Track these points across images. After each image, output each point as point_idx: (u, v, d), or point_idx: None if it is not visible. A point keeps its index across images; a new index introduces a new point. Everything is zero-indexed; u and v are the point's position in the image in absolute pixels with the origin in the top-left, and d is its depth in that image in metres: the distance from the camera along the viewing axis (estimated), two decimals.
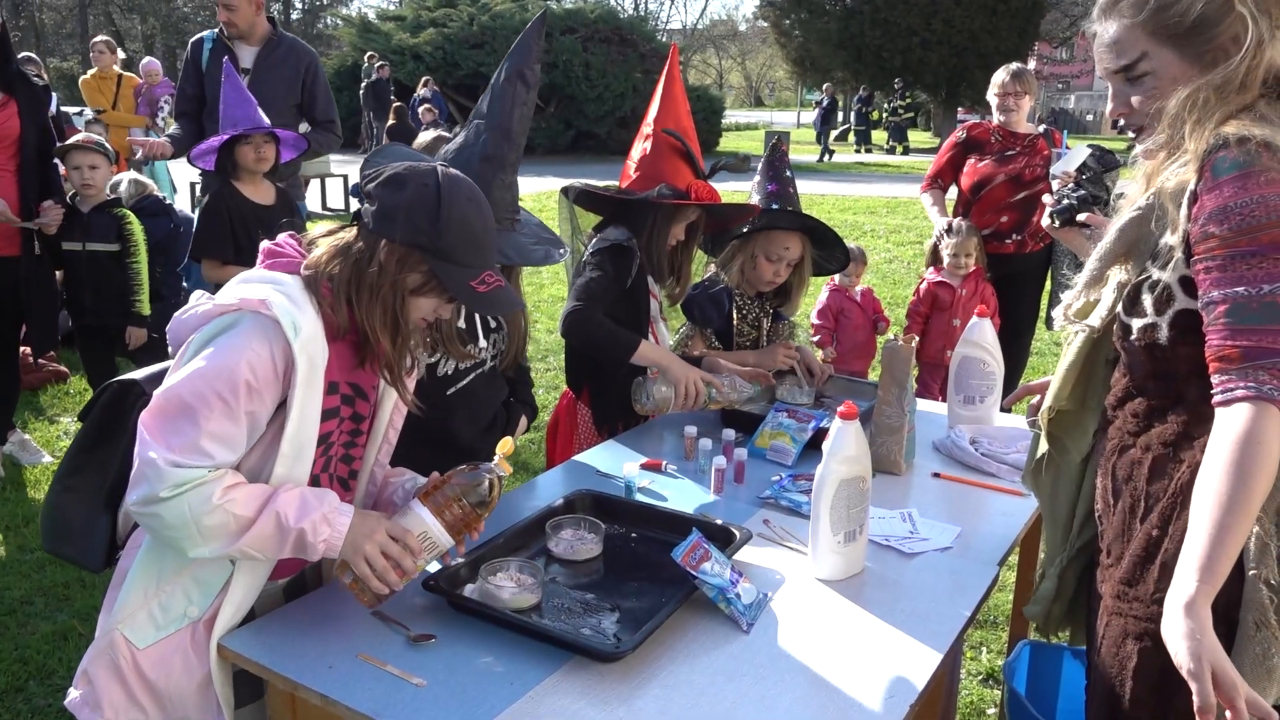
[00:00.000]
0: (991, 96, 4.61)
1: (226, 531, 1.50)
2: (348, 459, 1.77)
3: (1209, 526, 1.29)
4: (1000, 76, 4.57)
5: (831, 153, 22.02)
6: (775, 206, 2.80)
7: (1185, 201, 1.42)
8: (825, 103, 23.19)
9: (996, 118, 4.60)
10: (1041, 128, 4.56)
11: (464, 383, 2.29)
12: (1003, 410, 2.56)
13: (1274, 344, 1.31)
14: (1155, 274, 1.49)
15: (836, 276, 4.57)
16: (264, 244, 1.67)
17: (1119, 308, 1.57)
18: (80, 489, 1.69)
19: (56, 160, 4.32)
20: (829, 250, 2.94)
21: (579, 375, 2.77)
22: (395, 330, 1.62)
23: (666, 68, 2.71)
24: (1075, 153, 3.30)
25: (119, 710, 1.61)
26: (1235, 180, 1.35)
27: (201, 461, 1.48)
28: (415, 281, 1.61)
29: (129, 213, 4.46)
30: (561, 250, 2.15)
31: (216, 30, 4.59)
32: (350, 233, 1.64)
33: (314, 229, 1.71)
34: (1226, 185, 1.36)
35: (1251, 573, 1.40)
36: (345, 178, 12.69)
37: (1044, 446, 1.82)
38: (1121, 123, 1.53)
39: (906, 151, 22.59)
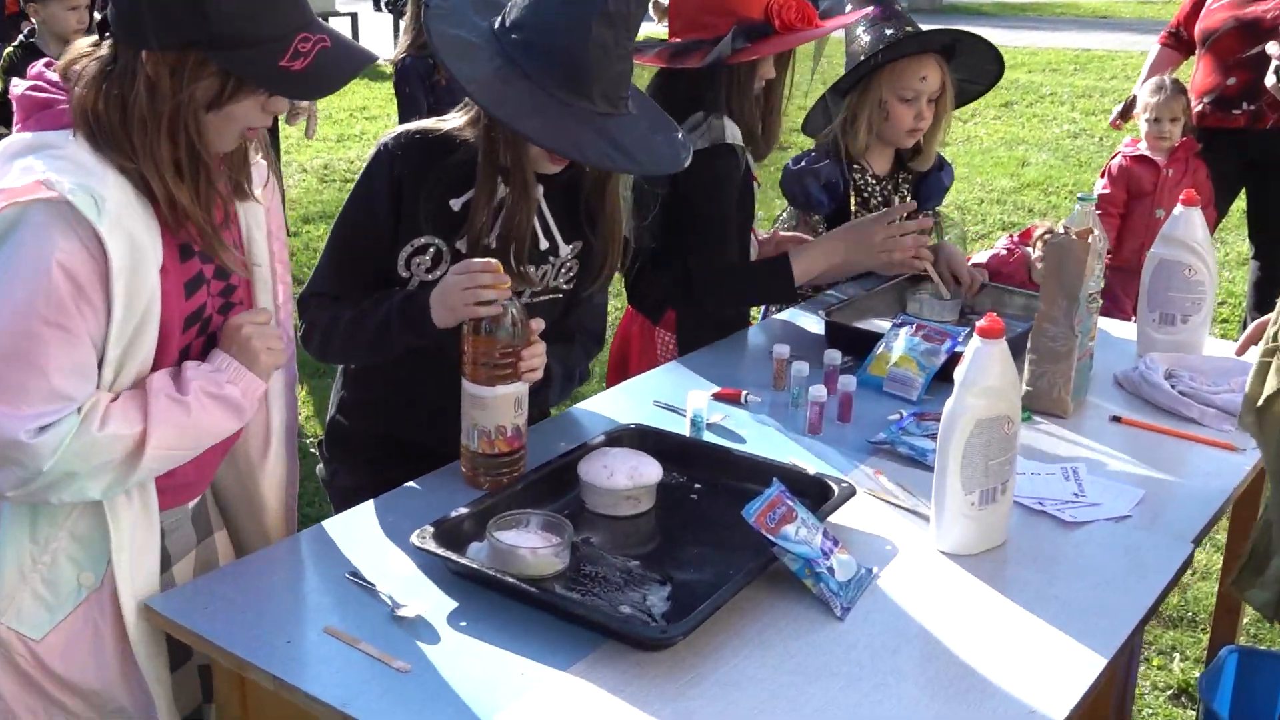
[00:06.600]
0: None
1: (124, 457, 1.55)
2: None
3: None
4: None
5: None
6: (890, 33, 2.75)
7: None
8: None
9: None
10: None
11: None
12: (1237, 355, 2.47)
13: None
14: None
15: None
16: (14, 90, 1.59)
17: None
18: None
19: None
20: (972, 66, 2.92)
21: None
22: (195, 169, 1.57)
23: None
24: None
25: (38, 715, 1.64)
26: None
27: (66, 408, 1.50)
28: (208, 93, 1.54)
29: None
30: (684, 138, 2.09)
31: None
32: (106, 48, 1.56)
33: (70, 51, 1.61)
34: None
35: None
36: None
37: (1275, 382, 1.77)
38: None
39: None
